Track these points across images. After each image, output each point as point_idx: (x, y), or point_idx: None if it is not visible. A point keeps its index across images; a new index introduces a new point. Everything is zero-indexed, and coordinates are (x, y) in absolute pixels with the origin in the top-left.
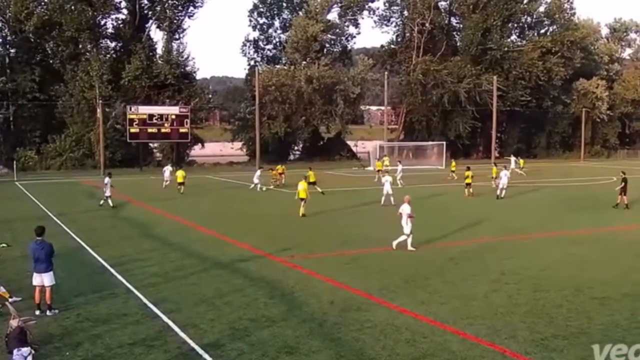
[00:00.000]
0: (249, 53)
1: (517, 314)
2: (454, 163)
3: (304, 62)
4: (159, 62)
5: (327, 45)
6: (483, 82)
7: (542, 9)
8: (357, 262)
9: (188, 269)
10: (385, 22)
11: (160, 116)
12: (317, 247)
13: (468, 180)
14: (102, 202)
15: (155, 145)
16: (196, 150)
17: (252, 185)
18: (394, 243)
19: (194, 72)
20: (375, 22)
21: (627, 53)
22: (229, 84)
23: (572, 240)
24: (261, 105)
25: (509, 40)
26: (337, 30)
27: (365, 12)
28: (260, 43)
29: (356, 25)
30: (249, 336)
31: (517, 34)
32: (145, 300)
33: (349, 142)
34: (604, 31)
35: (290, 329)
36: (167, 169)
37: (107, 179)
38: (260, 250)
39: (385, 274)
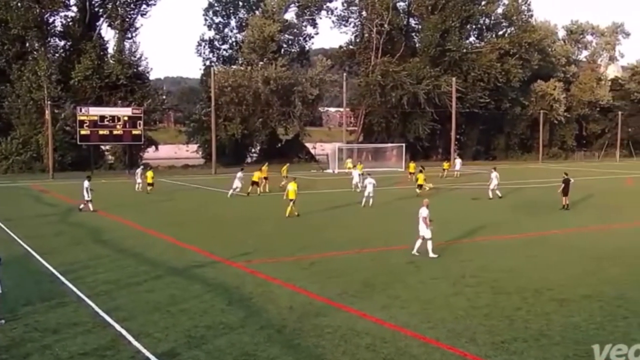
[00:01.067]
0: (204, 53)
1: (477, 317)
2: (413, 164)
3: (261, 63)
4: (111, 61)
5: (285, 45)
6: (442, 84)
7: (500, 10)
8: (316, 267)
9: (142, 276)
10: (343, 23)
11: (112, 118)
12: (275, 252)
13: (420, 182)
14: (82, 206)
15: (107, 147)
16: (150, 153)
17: (231, 191)
18: (415, 249)
19: (147, 72)
20: (333, 22)
21: (583, 55)
22: (183, 85)
23: (529, 243)
24: (217, 107)
25: (467, 41)
26: (295, 30)
27: (323, 12)
28: (216, 43)
29: (314, 25)
30: (205, 344)
31: (476, 35)
32: (97, 309)
33: (307, 144)
34: (561, 33)
35: (248, 336)
36: (139, 172)
37: (86, 183)
38: (218, 256)
39: (344, 278)
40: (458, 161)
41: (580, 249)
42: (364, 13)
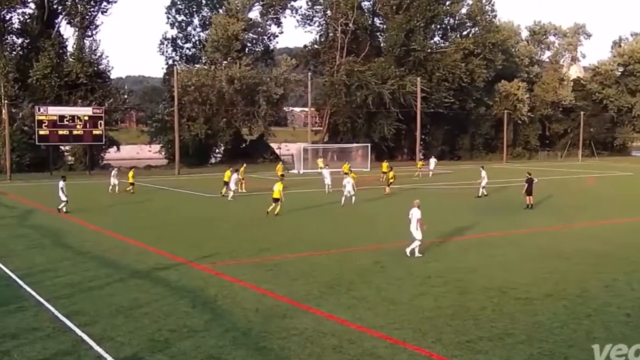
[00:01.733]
0: (166, 52)
1: (443, 317)
2: (385, 164)
3: (225, 62)
4: (70, 60)
5: (249, 44)
6: (407, 84)
7: (464, 10)
8: (281, 268)
9: (104, 279)
10: (308, 22)
11: (72, 117)
12: (240, 253)
13: (391, 180)
14: (61, 205)
15: (67, 148)
16: (111, 154)
17: (229, 193)
18: (407, 250)
19: (108, 71)
20: (298, 21)
21: (546, 55)
22: (145, 84)
23: (493, 243)
24: (180, 106)
25: (432, 41)
26: (259, 29)
27: (288, 11)
28: (179, 41)
29: (278, 24)
30: (169, 348)
31: (440, 35)
32: (57, 313)
33: (272, 145)
34: (524, 34)
35: (213, 339)
36: (115, 173)
37: (61, 183)
38: (181, 258)
39: (310, 280)
40: (433, 161)
41: (543, 248)
42: (328, 12)
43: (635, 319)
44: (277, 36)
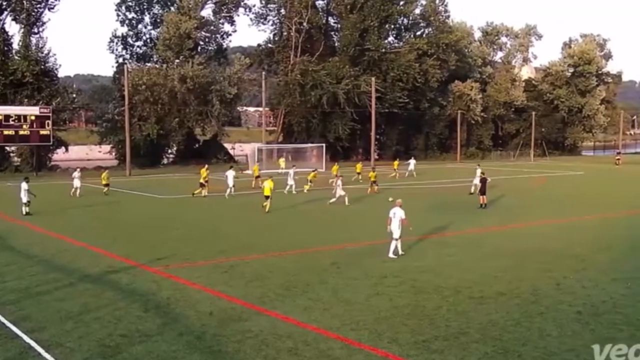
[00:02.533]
0: (117, 50)
1: (399, 317)
2: (360, 165)
3: (177, 61)
4: (16, 57)
5: (202, 43)
6: (362, 84)
7: (417, 11)
8: (236, 270)
9: (52, 284)
10: (261, 21)
11: (18, 117)
12: (194, 255)
13: (373, 179)
14: (25, 207)
15: (13, 149)
16: (59, 155)
17: (228, 191)
18: (391, 254)
19: (56, 69)
20: (251, 20)
21: (498, 56)
22: (95, 83)
23: (448, 242)
24: (131, 106)
25: (386, 41)
26: (212, 27)
27: (241, 10)
28: (130, 39)
29: (232, 22)
30: (121, 353)
31: (394, 35)
32: (3, 320)
33: (226, 145)
34: (477, 34)
35: (166, 344)
36: (77, 174)
37: (25, 185)
38: (133, 260)
39: (265, 281)
40: (412, 161)
41: (497, 247)
42: (282, 11)
43: (586, 316)
44: (230, 35)
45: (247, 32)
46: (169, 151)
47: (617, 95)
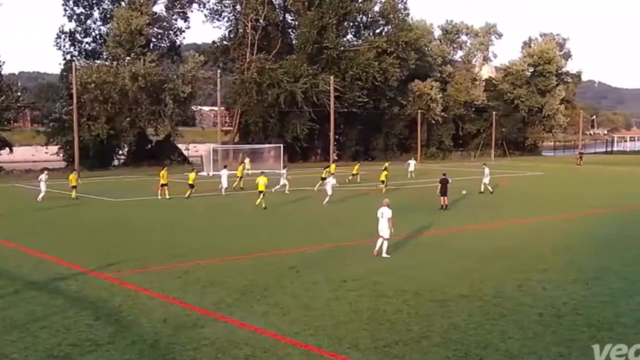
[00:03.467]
0: (64, 46)
1: (359, 322)
2: (357, 166)
3: (128, 58)
4: None
5: (154, 40)
6: (320, 82)
7: (377, 8)
8: (191, 275)
9: None
10: (216, 17)
11: None
12: (147, 260)
13: (382, 178)
14: None
15: None
16: (3, 156)
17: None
18: (381, 253)
19: None
20: (205, 16)
21: (458, 55)
22: (41, 81)
23: (409, 244)
24: (80, 105)
25: (345, 39)
26: (165, 23)
27: (195, 5)
28: (78, 35)
29: (185, 18)
30: None
31: (353, 33)
32: None
33: (179, 146)
34: (437, 33)
35: (118, 353)
36: (43, 177)
37: None
38: (83, 266)
39: (221, 287)
40: (412, 162)
41: (458, 248)
42: (238, 7)
43: (547, 318)
44: (183, 31)
45: (201, 29)
46: (120, 152)
47: (577, 95)
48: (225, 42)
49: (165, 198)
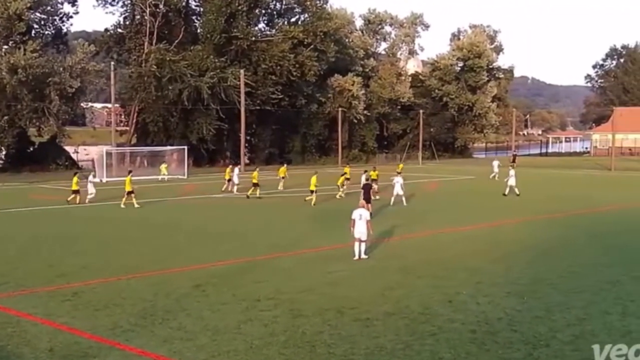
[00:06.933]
0: None
1: (275, 345)
2: (347, 168)
3: (6, 47)
4: None
5: (36, 26)
6: (229, 76)
7: None
8: (82, 297)
9: None
10: (109, 1)
11: None
12: (30, 281)
13: (374, 177)
14: None
15: None
16: None
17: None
18: (361, 256)
19: None
20: (97, 0)
21: (382, 48)
22: None
23: (329, 257)
24: None
25: (256, 28)
26: (49, 8)
27: None
28: None
29: (73, 3)
30: None
31: (266, 22)
32: None
33: (67, 148)
34: (358, 23)
35: None
36: (91, 177)
37: None
38: None
39: (117, 310)
40: (496, 163)
41: (383, 261)
42: None
43: (480, 335)
44: (71, 17)
45: (91, 15)
46: None
47: (509, 92)
48: (119, 30)
49: (77, 202)
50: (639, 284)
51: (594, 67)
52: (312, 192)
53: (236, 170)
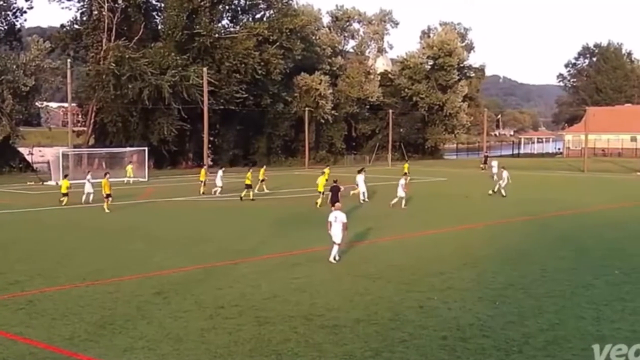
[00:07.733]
0: None
1: (240, 354)
2: (328, 169)
3: None
4: None
5: None
6: (191, 75)
7: None
8: (37, 305)
9: None
10: None
11: None
12: None
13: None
14: None
15: None
16: None
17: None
18: (331, 258)
19: None
20: None
21: (350, 45)
22: None
23: (295, 262)
24: None
25: (220, 25)
26: (1, 2)
27: None
28: None
29: None
30: None
31: (230, 18)
32: None
33: (21, 150)
34: (326, 19)
35: None
36: (90, 177)
37: None
38: None
39: (75, 318)
40: (495, 163)
41: (351, 266)
42: None
43: (452, 341)
44: (25, 12)
45: (47, 10)
46: None
47: (481, 91)
48: (76, 26)
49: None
50: (612, 288)
51: (567, 66)
52: (321, 193)
53: (220, 172)
